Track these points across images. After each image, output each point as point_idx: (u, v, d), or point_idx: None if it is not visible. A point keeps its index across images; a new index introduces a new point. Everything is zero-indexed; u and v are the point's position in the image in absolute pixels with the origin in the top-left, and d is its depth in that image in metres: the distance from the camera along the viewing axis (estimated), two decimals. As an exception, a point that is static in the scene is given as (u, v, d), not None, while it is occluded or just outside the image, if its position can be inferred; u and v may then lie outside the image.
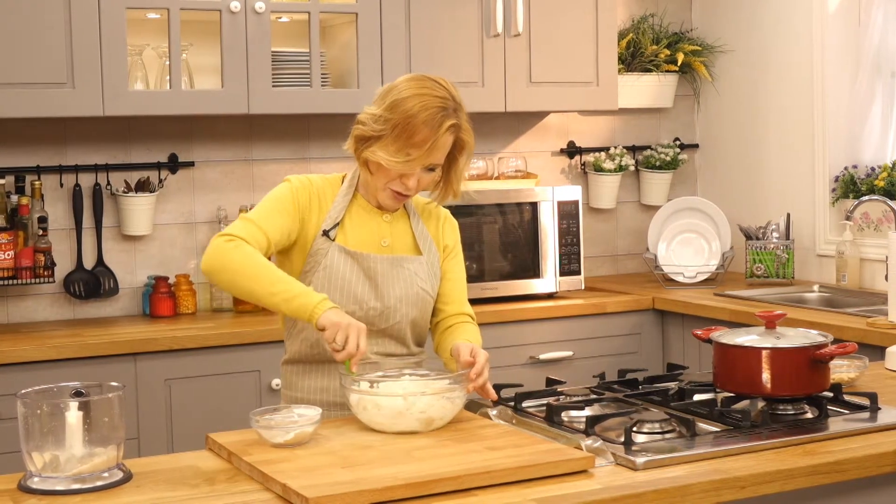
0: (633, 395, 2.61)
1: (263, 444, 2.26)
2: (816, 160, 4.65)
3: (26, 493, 2.04)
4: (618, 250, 5.14)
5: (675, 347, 4.39)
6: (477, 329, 2.73)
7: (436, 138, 2.51)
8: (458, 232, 2.79)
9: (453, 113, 2.53)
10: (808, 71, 4.66)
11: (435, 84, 2.56)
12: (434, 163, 2.56)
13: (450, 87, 2.57)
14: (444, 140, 2.53)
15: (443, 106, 2.51)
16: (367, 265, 2.61)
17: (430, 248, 2.70)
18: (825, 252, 4.64)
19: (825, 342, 2.46)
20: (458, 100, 2.56)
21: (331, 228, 2.62)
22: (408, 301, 2.63)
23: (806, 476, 2.14)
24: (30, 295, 4.12)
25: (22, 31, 3.71)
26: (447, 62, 4.31)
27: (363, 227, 2.65)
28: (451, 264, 2.74)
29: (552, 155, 4.99)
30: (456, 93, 2.57)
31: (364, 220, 2.65)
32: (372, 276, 2.61)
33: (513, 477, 2.05)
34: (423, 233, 2.70)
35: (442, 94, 2.53)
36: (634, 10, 5.09)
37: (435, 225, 2.74)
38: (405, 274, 2.63)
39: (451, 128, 2.52)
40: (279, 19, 4.29)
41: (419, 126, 2.50)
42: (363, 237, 2.64)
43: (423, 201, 2.76)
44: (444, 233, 2.74)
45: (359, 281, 2.60)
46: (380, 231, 2.65)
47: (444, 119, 2.51)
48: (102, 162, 4.18)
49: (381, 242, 2.65)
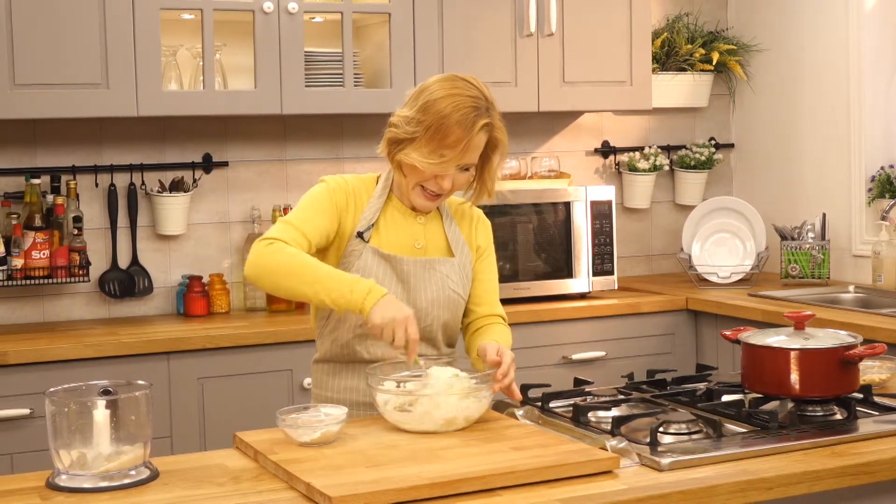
0: (660, 396, 2.60)
1: (290, 443, 2.27)
2: (852, 160, 4.61)
3: (54, 491, 2.06)
4: (652, 250, 5.12)
5: (708, 348, 4.37)
6: (508, 330, 2.72)
7: (469, 138, 2.51)
8: (491, 233, 2.78)
9: (486, 112, 2.53)
10: (843, 70, 4.62)
11: (467, 84, 2.56)
12: (468, 163, 2.56)
13: (482, 87, 2.57)
14: (478, 140, 2.53)
15: (475, 105, 2.51)
16: (400, 268, 2.62)
17: (463, 250, 2.69)
18: (861, 252, 4.60)
19: (854, 343, 2.44)
20: (490, 99, 2.56)
21: (365, 230, 2.62)
22: (439, 304, 2.64)
23: (834, 477, 2.12)
24: (65, 294, 4.16)
25: (57, 32, 3.75)
26: (480, 62, 4.31)
27: (397, 229, 2.65)
28: (483, 265, 2.74)
29: (586, 155, 4.98)
30: (488, 92, 2.57)
31: (398, 222, 2.66)
32: (405, 278, 2.62)
33: (537, 477, 2.05)
34: (455, 235, 2.70)
35: (474, 94, 2.53)
36: (669, 10, 5.07)
37: (468, 226, 2.73)
38: (437, 276, 2.63)
39: (484, 127, 2.52)
40: (312, 19, 4.30)
41: (452, 126, 2.49)
42: (397, 239, 2.64)
43: (456, 202, 2.76)
44: (476, 234, 2.74)
45: (391, 283, 2.60)
46: (414, 233, 2.66)
47: (477, 118, 2.51)
48: (137, 162, 4.21)
49: (414, 245, 2.65)
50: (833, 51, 4.68)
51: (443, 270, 2.64)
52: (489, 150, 2.60)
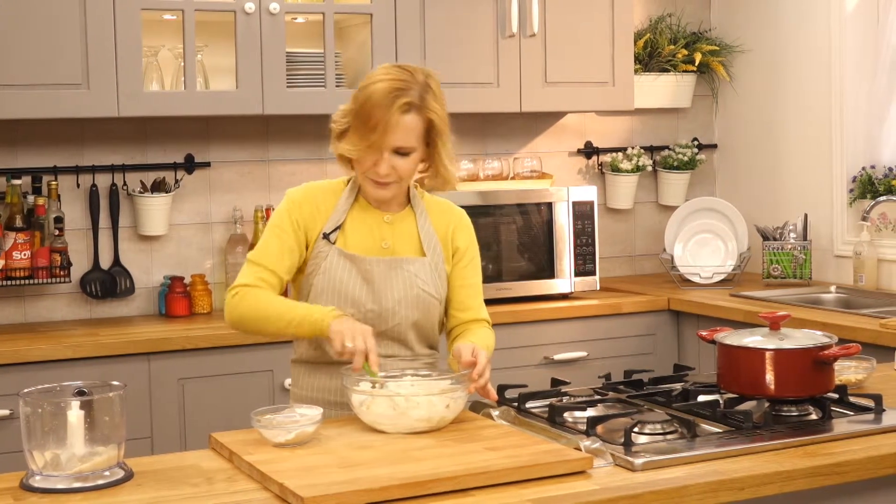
0: (636, 396, 2.61)
1: (265, 443, 2.28)
2: (834, 160, 4.63)
3: (28, 492, 2.06)
4: (635, 251, 5.13)
5: (690, 348, 4.38)
6: (490, 333, 2.72)
7: (388, 118, 2.49)
8: (474, 235, 2.76)
9: (409, 93, 2.51)
10: (826, 71, 4.64)
11: (401, 70, 2.56)
12: (399, 145, 2.52)
13: (418, 72, 2.56)
14: (400, 120, 2.50)
15: (399, 87, 2.50)
16: (364, 268, 2.62)
17: (436, 250, 2.68)
18: (843, 253, 4.61)
19: (829, 343, 2.45)
20: (424, 82, 2.54)
21: (331, 232, 2.63)
22: (407, 303, 2.63)
23: (805, 478, 2.13)
24: (47, 294, 4.16)
25: (38, 32, 3.74)
26: (462, 63, 4.32)
27: (364, 230, 2.65)
28: (466, 270, 2.71)
29: (569, 155, 4.99)
30: (425, 77, 2.55)
31: (365, 222, 2.66)
32: (369, 278, 2.62)
33: (510, 477, 2.05)
34: (429, 234, 2.69)
35: (403, 78, 2.53)
36: (652, 10, 5.08)
37: (447, 226, 2.72)
38: (404, 275, 2.63)
39: (404, 106, 2.50)
40: (294, 20, 4.30)
41: (373, 109, 2.50)
42: (363, 239, 2.64)
43: (436, 201, 2.75)
44: (455, 235, 2.72)
45: (356, 284, 2.61)
46: (381, 233, 2.65)
47: (396, 98, 2.49)
48: (119, 162, 4.21)
49: (381, 244, 2.65)
50: (815, 52, 4.70)
51: (411, 270, 2.63)
52: (432, 134, 2.57)
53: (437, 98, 2.56)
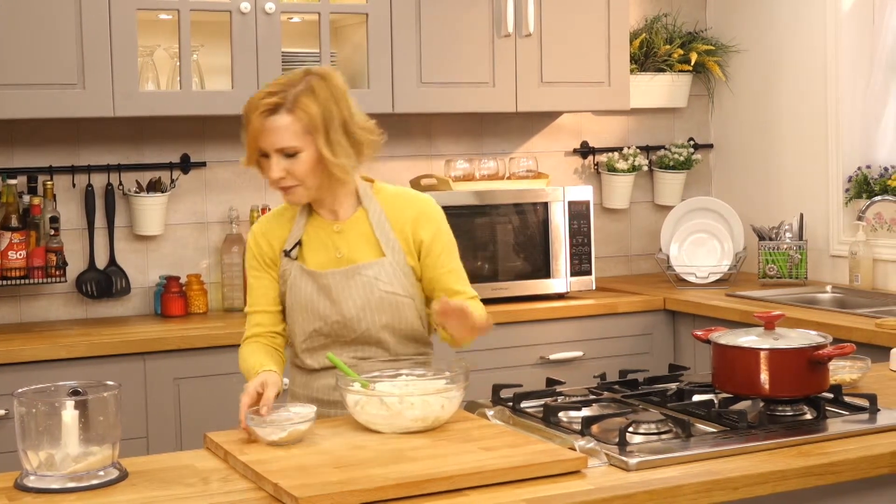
0: (631, 396, 2.61)
1: (259, 443, 2.28)
2: (830, 160, 4.63)
3: (22, 492, 2.06)
4: (631, 250, 5.14)
5: (685, 348, 4.38)
6: (481, 306, 2.68)
7: (254, 122, 2.53)
8: (440, 224, 2.70)
9: (277, 95, 2.52)
10: (822, 71, 4.64)
11: (286, 76, 2.59)
12: (274, 147, 2.52)
13: (299, 75, 2.56)
14: (264, 122, 2.51)
15: (269, 91, 2.54)
16: (322, 282, 2.64)
17: (395, 247, 2.65)
18: (838, 252, 4.61)
19: (824, 343, 2.46)
20: (304, 83, 2.54)
21: (291, 249, 2.67)
22: (371, 308, 2.63)
23: (799, 477, 2.13)
24: (42, 294, 4.16)
25: (33, 32, 3.74)
26: (458, 62, 4.32)
27: (318, 243, 2.67)
28: (441, 259, 2.67)
29: (565, 155, 4.99)
30: (310, 79, 2.55)
31: (318, 235, 2.67)
32: (328, 291, 2.64)
33: (505, 477, 2.06)
34: (385, 232, 2.65)
35: (281, 81, 2.56)
36: (648, 10, 5.08)
37: (404, 220, 2.66)
38: (363, 281, 2.62)
39: (267, 106, 2.51)
40: (289, 20, 4.30)
41: (246, 116, 2.57)
42: (318, 253, 2.66)
43: (396, 193, 2.71)
44: (416, 228, 2.66)
45: (318, 298, 2.64)
46: (333, 243, 2.66)
47: (261, 101, 2.53)
48: (115, 162, 4.21)
49: (336, 255, 2.65)
50: (811, 51, 4.70)
51: (369, 274, 2.62)
52: (310, 129, 2.53)
53: (317, 96, 2.53)
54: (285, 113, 2.52)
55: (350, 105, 2.60)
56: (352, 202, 2.67)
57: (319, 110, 2.53)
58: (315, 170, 2.56)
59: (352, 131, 2.58)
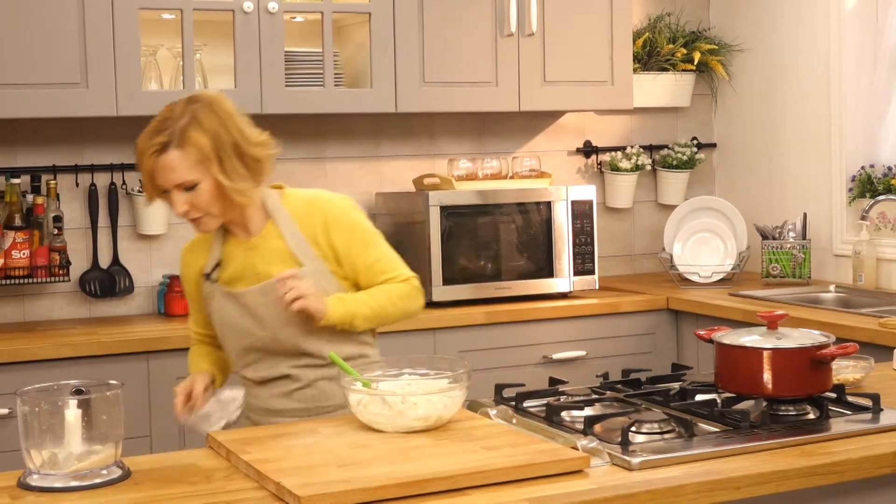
0: (634, 395, 2.61)
1: (262, 442, 2.28)
2: (833, 159, 4.63)
3: (25, 490, 2.06)
4: (634, 250, 5.14)
5: (688, 348, 4.38)
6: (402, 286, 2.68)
7: (147, 164, 2.52)
8: (351, 220, 2.68)
9: (163, 133, 2.50)
10: (825, 70, 4.64)
11: (166, 110, 2.55)
12: (170, 184, 2.52)
13: (180, 107, 2.54)
14: (156, 162, 2.50)
15: (154, 129, 2.52)
16: (242, 302, 2.66)
17: (310, 255, 2.65)
18: (842, 252, 4.61)
19: (827, 342, 2.45)
20: (187, 114, 2.51)
21: (211, 271, 2.70)
22: (293, 320, 2.63)
23: (802, 477, 2.12)
24: (46, 294, 4.16)
25: (36, 32, 3.74)
26: (460, 62, 4.32)
27: (235, 263, 2.68)
28: (361, 256, 2.66)
29: (569, 154, 4.99)
30: (193, 108, 2.52)
31: (235, 254, 2.69)
32: (251, 311, 2.65)
33: (506, 477, 2.05)
34: (298, 241, 2.65)
35: (163, 117, 2.53)
36: (651, 9, 5.08)
37: (314, 226, 2.66)
38: (279, 296, 2.60)
39: (156, 146, 2.49)
40: (292, 19, 4.30)
41: (138, 158, 2.56)
42: (237, 273, 2.68)
43: (302, 198, 2.69)
44: (327, 234, 2.65)
45: (243, 317, 2.66)
46: (249, 260, 2.67)
47: (149, 141, 2.51)
48: (118, 161, 4.21)
49: (253, 272, 2.66)
50: (814, 50, 4.70)
51: None
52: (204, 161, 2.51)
53: (203, 126, 2.51)
54: (175, 149, 2.49)
55: (240, 126, 2.58)
56: (261, 216, 2.66)
57: (208, 140, 2.51)
58: (216, 197, 2.55)
59: (245, 153, 2.56)
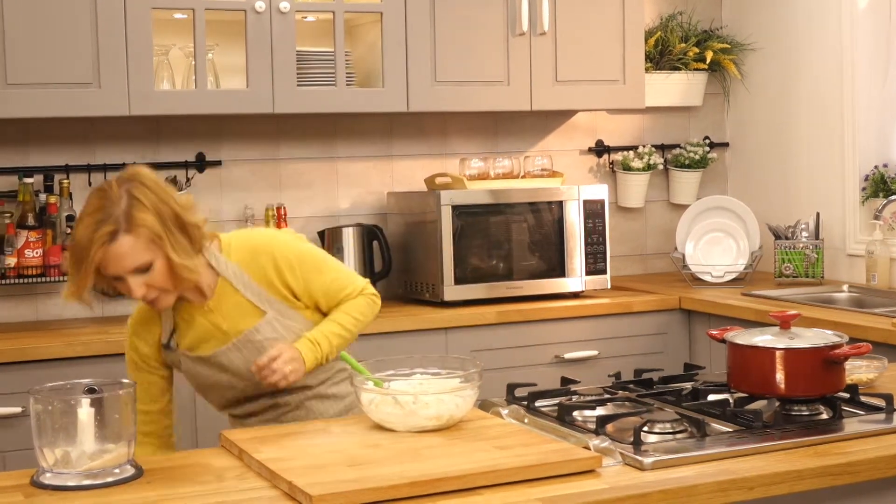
0: (646, 395, 2.60)
1: (274, 441, 2.28)
2: (846, 159, 4.61)
3: (38, 489, 2.07)
4: (646, 249, 5.13)
5: (701, 347, 4.37)
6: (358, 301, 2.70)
7: (88, 258, 2.42)
8: (294, 252, 2.67)
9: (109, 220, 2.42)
10: (838, 69, 4.62)
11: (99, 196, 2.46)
12: (124, 271, 2.45)
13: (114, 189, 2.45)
14: (105, 253, 2.42)
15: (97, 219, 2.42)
16: (216, 361, 2.66)
17: (270, 301, 2.65)
18: (855, 252, 4.59)
19: (840, 342, 2.44)
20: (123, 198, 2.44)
21: (169, 340, 2.68)
22: None
23: (816, 477, 2.12)
24: (58, 292, 4.12)
25: (49, 31, 3.75)
26: (472, 61, 4.32)
27: (196, 326, 2.67)
28: (316, 283, 2.67)
29: (580, 154, 4.98)
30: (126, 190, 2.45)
31: (193, 318, 2.66)
32: (228, 369, 2.67)
33: (518, 476, 2.05)
34: (254, 291, 2.64)
35: (100, 205, 2.44)
36: (663, 8, 5.07)
37: (263, 271, 2.65)
38: (256, 346, 2.63)
39: (105, 237, 2.41)
40: (304, 19, 4.31)
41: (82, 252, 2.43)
42: (200, 336, 2.67)
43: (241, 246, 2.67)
44: (279, 274, 2.65)
45: (220, 374, 2.68)
46: (211, 323, 2.66)
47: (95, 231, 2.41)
48: (130, 161, 4.22)
49: (218, 332, 2.65)
50: (827, 49, 4.68)
51: (258, 338, 2.64)
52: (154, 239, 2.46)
53: (144, 207, 2.44)
54: (124, 234, 2.42)
55: (174, 196, 2.53)
56: (210, 275, 2.63)
57: (154, 217, 2.45)
58: (170, 273, 2.49)
59: (185, 223, 2.51)
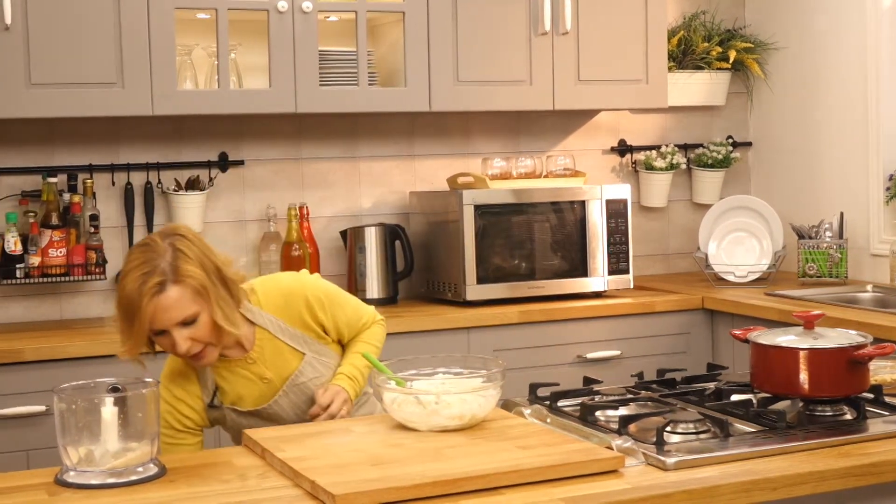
0: (669, 395, 2.59)
1: (297, 440, 2.28)
2: (871, 158, 4.59)
3: (62, 487, 2.08)
4: (669, 249, 5.11)
5: (724, 347, 4.35)
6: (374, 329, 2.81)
7: (140, 310, 2.43)
8: (320, 291, 2.73)
9: (157, 271, 2.43)
10: (862, 68, 4.60)
11: (144, 250, 2.47)
12: (171, 323, 2.46)
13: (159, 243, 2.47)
14: (154, 305, 2.43)
15: (144, 271, 2.43)
16: (271, 413, 2.70)
17: (307, 341, 2.71)
18: (879, 252, 4.57)
19: (864, 343, 2.43)
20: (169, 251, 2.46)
21: (213, 398, 2.69)
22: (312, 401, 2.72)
23: (840, 478, 2.11)
24: (82, 291, 4.19)
25: (72, 32, 3.77)
26: (494, 61, 4.31)
27: (241, 380, 2.69)
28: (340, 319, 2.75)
29: (603, 153, 4.97)
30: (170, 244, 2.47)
31: (236, 372, 2.69)
32: (281, 417, 2.71)
33: (541, 476, 2.05)
34: (292, 335, 2.70)
35: (146, 258, 2.45)
36: (686, 8, 5.06)
37: (297, 314, 2.70)
38: (302, 389, 2.71)
39: (155, 287, 2.42)
40: (326, 18, 4.31)
41: (129, 305, 2.43)
42: (246, 389, 2.69)
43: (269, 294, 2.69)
44: (313, 314, 2.71)
45: (271, 423, 2.68)
46: (255, 374, 2.69)
47: (144, 283, 2.42)
48: (153, 160, 4.24)
49: (260, 381, 2.69)
50: (851, 49, 4.66)
51: (303, 380, 2.70)
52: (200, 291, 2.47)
53: (189, 258, 2.47)
54: (172, 285, 2.44)
55: (214, 251, 2.55)
56: (247, 327, 2.65)
57: (200, 269, 2.47)
58: (214, 326, 2.51)
59: (226, 277, 2.53)
